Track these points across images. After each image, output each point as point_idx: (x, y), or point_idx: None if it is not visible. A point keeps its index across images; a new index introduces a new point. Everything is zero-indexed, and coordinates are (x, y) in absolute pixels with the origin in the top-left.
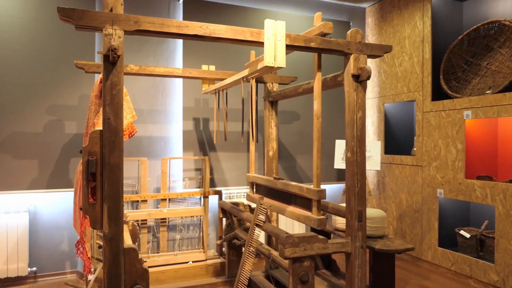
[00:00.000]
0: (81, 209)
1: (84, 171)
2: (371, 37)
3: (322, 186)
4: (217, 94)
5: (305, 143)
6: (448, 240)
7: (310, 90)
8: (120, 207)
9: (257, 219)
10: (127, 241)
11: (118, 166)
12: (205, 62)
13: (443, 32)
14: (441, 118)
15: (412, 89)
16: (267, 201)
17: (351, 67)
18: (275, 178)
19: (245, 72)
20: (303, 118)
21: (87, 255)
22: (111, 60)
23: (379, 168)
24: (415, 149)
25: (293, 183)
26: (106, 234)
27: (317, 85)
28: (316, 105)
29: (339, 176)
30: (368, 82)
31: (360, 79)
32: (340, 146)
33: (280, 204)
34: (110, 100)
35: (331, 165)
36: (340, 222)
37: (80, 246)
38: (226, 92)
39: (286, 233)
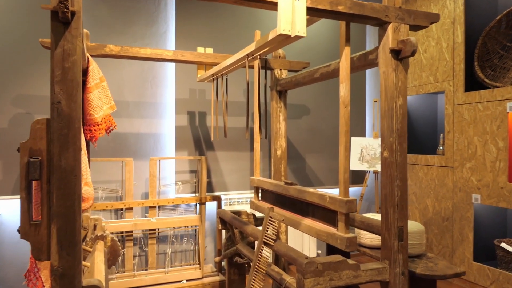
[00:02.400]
0: (18, 231)
1: (22, 178)
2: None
3: (333, 191)
4: (215, 81)
5: (316, 142)
6: (484, 253)
7: (329, 75)
8: (76, 228)
9: (266, 235)
10: (97, 273)
11: (74, 171)
12: (201, 46)
13: (476, 12)
14: (477, 112)
15: (440, 79)
16: (277, 211)
17: (389, 40)
18: (286, 183)
19: (250, 47)
20: (313, 112)
21: (43, 287)
22: (62, 18)
23: None
24: (441, 147)
25: (311, 189)
26: (54, 268)
27: (344, 63)
28: (344, 90)
29: (354, 178)
30: None
31: (402, 55)
32: (356, 144)
33: (292, 215)
34: (61, 76)
35: None
36: (366, 236)
37: (32, 276)
38: (226, 79)
39: (306, 256)
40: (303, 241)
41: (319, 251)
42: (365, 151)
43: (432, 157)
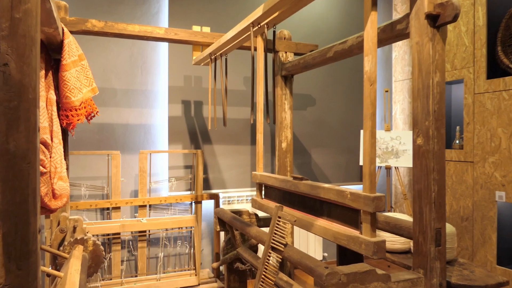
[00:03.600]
0: None
1: None
2: (400, 6)
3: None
4: (213, 63)
5: (322, 135)
6: (509, 256)
7: (346, 53)
8: (31, 233)
9: (274, 239)
10: (70, 286)
11: (26, 157)
12: None
13: None
14: (501, 101)
15: (459, 66)
16: (285, 211)
17: (424, 4)
18: (295, 178)
19: (256, 13)
20: (319, 103)
21: None
22: None
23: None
24: (457, 141)
25: (326, 185)
26: (0, 286)
27: (370, 31)
28: (369, 64)
29: (362, 175)
30: (397, 60)
31: (440, 21)
32: None
33: (303, 215)
34: (10, 29)
35: (354, 161)
36: (387, 239)
37: None
38: (226, 59)
39: (326, 266)
40: (308, 242)
41: (326, 254)
42: (376, 145)
43: (449, 152)
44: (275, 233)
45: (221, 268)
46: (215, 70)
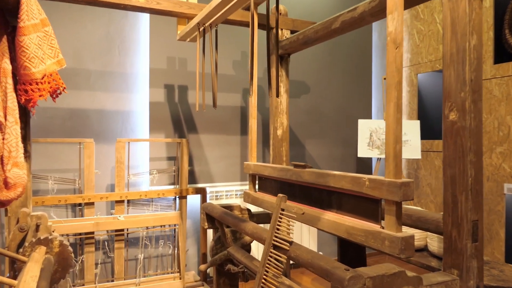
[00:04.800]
0: None
1: None
2: None
3: None
4: (201, 37)
5: (316, 125)
6: None
7: (355, 22)
8: None
9: (277, 237)
10: None
11: None
12: None
13: None
14: (510, 87)
15: None
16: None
17: None
18: (296, 166)
19: None
20: (314, 91)
21: None
22: None
23: (419, 156)
24: None
25: (337, 172)
26: None
27: None
28: (394, 23)
29: (362, 167)
30: None
31: None
32: (363, 127)
33: (308, 209)
34: None
35: (350, 153)
36: None
37: None
38: (216, 30)
39: (346, 268)
40: (302, 240)
41: (320, 252)
42: (375, 136)
43: None
44: (278, 229)
45: (208, 270)
46: (204, 45)
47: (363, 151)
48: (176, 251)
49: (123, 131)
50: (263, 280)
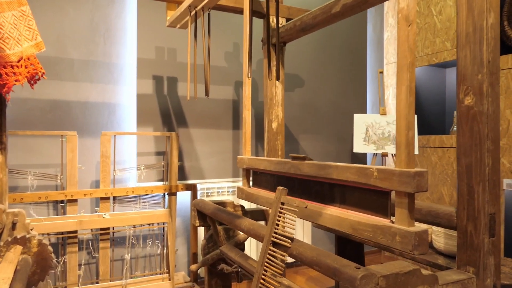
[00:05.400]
0: None
1: None
2: None
3: None
4: (193, 22)
5: (310, 120)
6: None
7: (359, 5)
8: None
9: (277, 233)
10: None
11: None
12: None
13: None
14: (509, 80)
15: None
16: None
17: None
18: (295, 158)
19: None
20: (308, 85)
21: None
22: None
23: (416, 152)
24: (455, 128)
25: (340, 163)
26: None
27: None
28: None
29: (357, 164)
30: (390, 41)
31: None
32: (359, 122)
33: (308, 203)
34: None
35: (346, 149)
36: None
37: None
38: (209, 14)
39: (357, 266)
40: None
41: None
42: (371, 130)
43: (449, 138)
44: (278, 224)
45: (199, 270)
46: (196, 30)
47: (359, 147)
48: (165, 251)
49: (109, 124)
50: (261, 281)
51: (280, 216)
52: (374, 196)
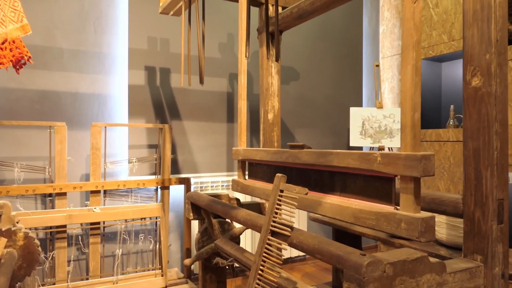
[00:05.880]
0: None
1: None
2: None
3: None
4: (187, 9)
5: (306, 114)
6: None
7: None
8: None
9: (276, 221)
10: None
11: None
12: None
13: None
14: (508, 72)
15: (457, 36)
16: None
17: None
18: (293, 147)
19: None
20: (303, 78)
21: None
22: None
23: None
24: (451, 122)
25: (340, 150)
26: None
27: None
28: None
29: None
30: (385, 35)
31: None
32: (356, 115)
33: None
34: None
35: (342, 143)
36: None
37: None
38: (203, 1)
39: (362, 253)
40: None
41: None
42: (367, 124)
43: (446, 131)
44: (277, 213)
45: (193, 266)
46: (190, 16)
47: (355, 140)
48: (157, 246)
49: (99, 116)
50: (259, 272)
51: (279, 204)
52: (377, 183)
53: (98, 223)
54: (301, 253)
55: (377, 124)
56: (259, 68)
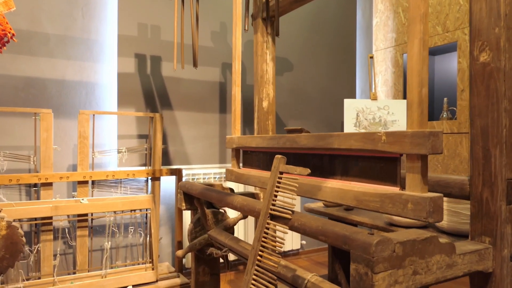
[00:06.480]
0: None
1: None
2: None
3: None
4: None
5: (300, 106)
6: None
7: None
8: None
9: (275, 204)
10: None
11: None
12: None
13: None
14: None
15: (452, 28)
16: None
17: None
18: (291, 131)
19: None
20: (297, 69)
21: None
22: None
23: None
24: (445, 114)
25: (343, 132)
26: None
27: None
28: None
29: None
30: (379, 27)
31: None
32: (350, 107)
33: (305, 178)
34: None
35: None
36: None
37: None
38: None
39: (370, 232)
40: None
41: (304, 242)
42: (361, 116)
43: (439, 123)
44: (276, 195)
45: (184, 261)
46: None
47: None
48: (148, 239)
49: (87, 105)
50: (258, 257)
51: (278, 187)
52: (381, 164)
53: (86, 215)
54: (295, 247)
55: (372, 115)
56: (254, 55)
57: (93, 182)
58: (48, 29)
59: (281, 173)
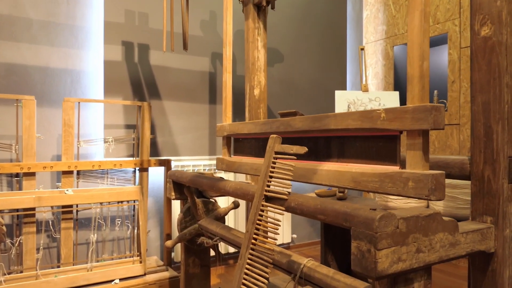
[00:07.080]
0: None
1: None
2: None
3: None
4: None
5: (290, 98)
6: None
7: None
8: None
9: (270, 185)
10: None
11: None
12: None
13: None
14: None
15: (442, 19)
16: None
17: None
18: (284, 115)
19: None
20: (288, 60)
21: None
22: None
23: None
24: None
25: (339, 112)
26: None
27: None
28: None
29: None
30: (369, 20)
31: None
32: (341, 99)
33: (300, 163)
34: None
35: None
36: (396, 199)
37: None
38: None
39: (372, 207)
40: None
41: (294, 235)
42: (353, 107)
43: None
44: (271, 176)
45: (173, 254)
46: None
47: None
48: (135, 232)
49: (72, 93)
50: (253, 241)
51: (273, 168)
52: (379, 143)
53: (71, 206)
54: (285, 241)
55: (363, 107)
56: (245, 42)
57: (78, 172)
58: (30, 14)
59: (277, 153)
